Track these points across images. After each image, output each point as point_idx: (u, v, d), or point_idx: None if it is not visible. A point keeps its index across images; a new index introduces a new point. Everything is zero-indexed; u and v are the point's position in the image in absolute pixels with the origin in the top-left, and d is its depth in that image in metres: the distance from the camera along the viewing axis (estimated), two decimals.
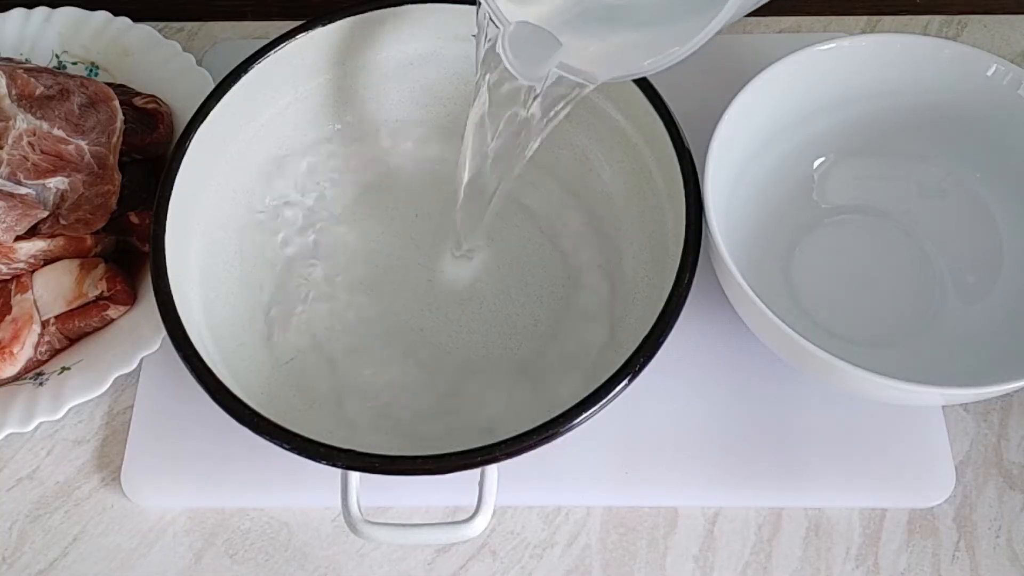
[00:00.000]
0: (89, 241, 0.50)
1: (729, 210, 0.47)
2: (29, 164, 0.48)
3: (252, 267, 0.51)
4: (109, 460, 0.49)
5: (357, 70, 0.52)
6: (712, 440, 0.48)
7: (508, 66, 0.39)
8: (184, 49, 0.57)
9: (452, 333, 0.50)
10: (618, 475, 0.47)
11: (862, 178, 0.53)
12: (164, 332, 0.43)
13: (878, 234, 0.52)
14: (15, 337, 0.48)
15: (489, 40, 0.40)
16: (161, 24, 0.61)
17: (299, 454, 0.39)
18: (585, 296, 0.50)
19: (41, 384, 0.48)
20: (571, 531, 0.47)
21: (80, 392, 0.47)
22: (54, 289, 0.49)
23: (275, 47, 0.48)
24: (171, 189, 0.45)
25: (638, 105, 0.47)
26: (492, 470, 0.41)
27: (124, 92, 0.55)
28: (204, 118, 0.46)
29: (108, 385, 0.47)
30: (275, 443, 0.39)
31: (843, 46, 0.48)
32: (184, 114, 0.53)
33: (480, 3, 0.39)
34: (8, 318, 0.48)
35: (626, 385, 0.40)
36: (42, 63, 0.58)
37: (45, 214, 0.49)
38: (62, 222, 0.49)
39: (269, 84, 0.49)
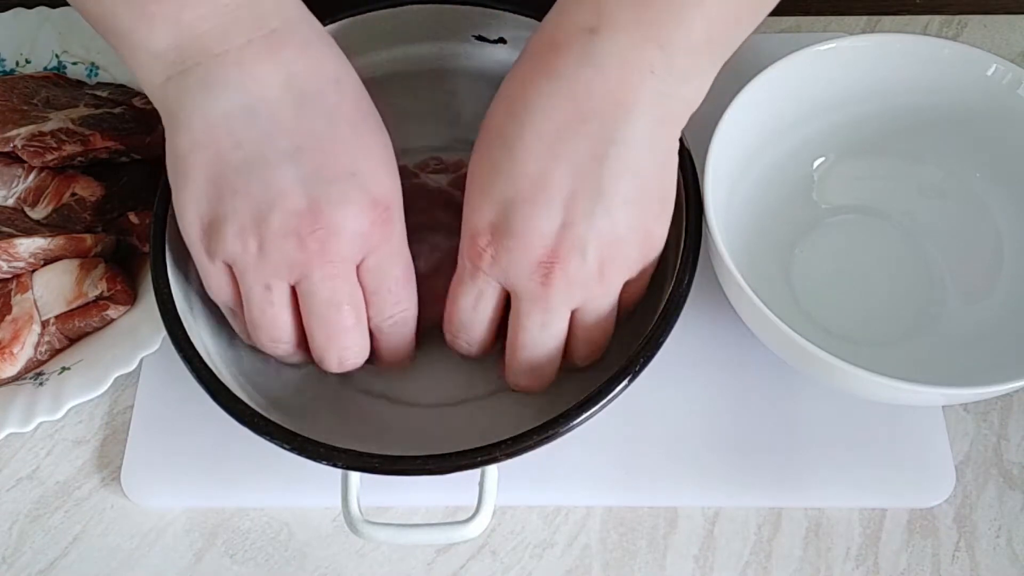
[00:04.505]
0: (89, 241, 0.50)
1: (729, 210, 0.47)
2: None
3: None
4: (109, 460, 0.49)
5: (357, 70, 0.52)
6: (712, 440, 0.48)
7: None
8: None
9: None
10: (618, 475, 0.47)
11: (862, 178, 0.53)
12: (164, 332, 0.43)
13: (878, 234, 0.52)
14: (15, 337, 0.48)
15: None
16: None
17: (299, 454, 0.39)
18: None
19: (41, 384, 0.48)
20: (571, 531, 0.47)
21: (80, 392, 0.47)
22: (54, 289, 0.49)
23: None
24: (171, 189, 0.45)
25: None
26: (492, 470, 0.41)
27: (124, 92, 0.56)
28: None
29: (108, 385, 0.47)
30: (275, 443, 0.39)
31: (843, 46, 0.48)
32: None
33: None
34: (8, 318, 0.48)
35: (626, 385, 0.40)
36: (42, 63, 0.58)
37: None
38: None
39: None
